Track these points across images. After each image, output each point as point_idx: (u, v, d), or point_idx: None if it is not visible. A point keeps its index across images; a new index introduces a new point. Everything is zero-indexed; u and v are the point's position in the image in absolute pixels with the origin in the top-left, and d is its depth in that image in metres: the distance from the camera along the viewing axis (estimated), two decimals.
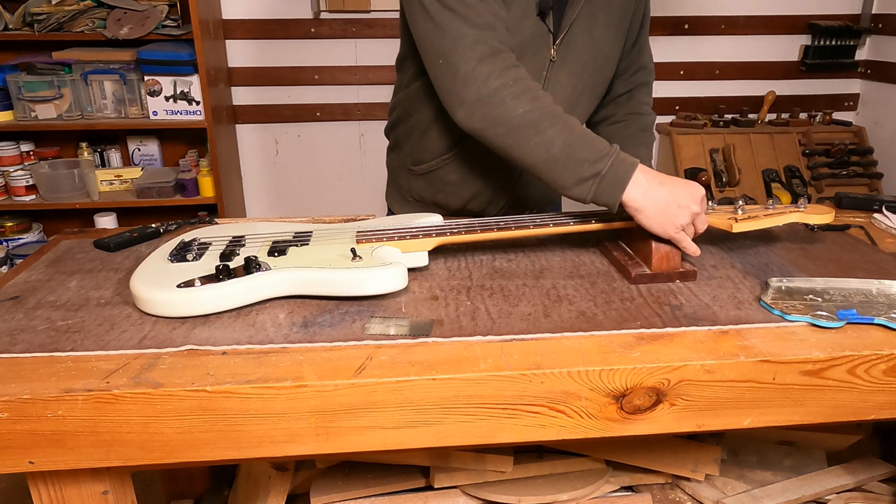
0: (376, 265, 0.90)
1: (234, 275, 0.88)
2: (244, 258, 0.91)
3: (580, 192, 0.95)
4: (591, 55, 1.15)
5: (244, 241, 1.02)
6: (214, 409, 0.72)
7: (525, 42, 1.08)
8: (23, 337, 0.81)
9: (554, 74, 1.13)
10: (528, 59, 1.09)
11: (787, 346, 0.79)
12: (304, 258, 0.94)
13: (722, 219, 1.02)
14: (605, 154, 0.94)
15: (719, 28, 2.66)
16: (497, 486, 1.17)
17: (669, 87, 2.72)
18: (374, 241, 0.98)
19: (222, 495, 1.33)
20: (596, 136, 0.97)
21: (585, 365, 0.75)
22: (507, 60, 0.99)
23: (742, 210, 1.03)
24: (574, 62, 1.14)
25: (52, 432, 0.71)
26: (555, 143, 0.95)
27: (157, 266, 0.94)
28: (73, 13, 2.30)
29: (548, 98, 0.99)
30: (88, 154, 2.56)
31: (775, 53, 2.73)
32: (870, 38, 2.74)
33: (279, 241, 1.00)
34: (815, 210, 1.04)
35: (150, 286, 0.87)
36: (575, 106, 1.18)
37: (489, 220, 1.04)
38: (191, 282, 0.87)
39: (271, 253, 0.95)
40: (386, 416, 0.74)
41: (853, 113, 2.87)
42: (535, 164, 0.97)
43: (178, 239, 1.03)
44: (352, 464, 1.21)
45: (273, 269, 0.90)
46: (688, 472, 1.23)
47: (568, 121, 0.97)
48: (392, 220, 1.08)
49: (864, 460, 1.28)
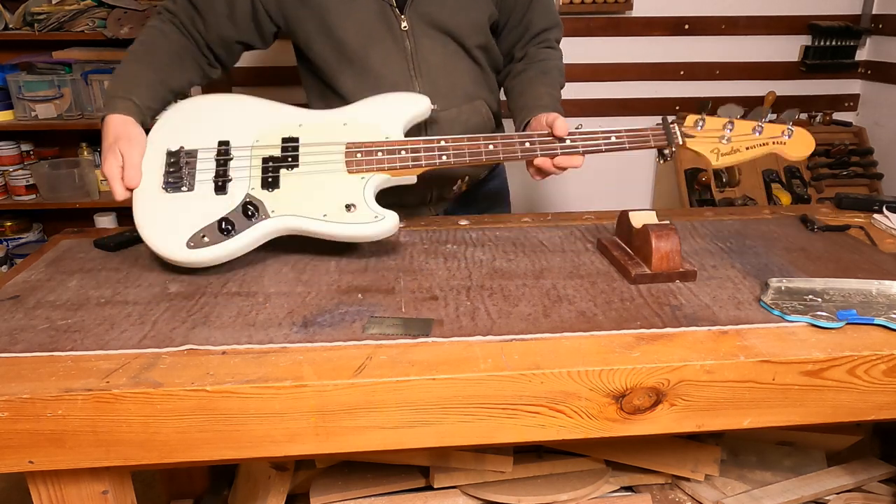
0: (369, 220, 0.97)
1: (235, 228, 0.96)
2: (241, 205, 0.97)
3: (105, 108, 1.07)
4: (447, 12, 1.17)
5: (230, 149, 1.02)
6: (214, 408, 0.72)
7: (372, 19, 1.14)
8: (23, 336, 0.82)
9: (416, 42, 1.16)
10: (382, 33, 1.14)
11: (787, 347, 0.79)
12: (299, 195, 0.99)
13: (706, 148, 1.01)
14: (115, 94, 1.05)
15: (719, 28, 2.65)
16: (497, 486, 1.17)
17: (669, 87, 2.72)
18: (364, 169, 1.01)
19: (222, 495, 1.33)
20: (133, 77, 1.09)
21: (585, 365, 0.75)
22: (165, 17, 1.17)
23: (727, 140, 1.01)
24: (430, 24, 1.16)
25: (51, 432, 0.71)
26: (119, 69, 1.11)
27: (155, 199, 0.99)
28: (74, 13, 2.30)
29: (155, 46, 1.13)
30: (88, 154, 2.56)
31: (775, 54, 2.73)
32: (870, 38, 2.74)
33: (268, 157, 1.01)
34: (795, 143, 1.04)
35: (162, 243, 0.96)
36: (455, 69, 1.20)
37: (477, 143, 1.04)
38: (201, 238, 0.95)
39: (264, 183, 0.99)
40: (385, 416, 0.74)
41: (853, 113, 2.86)
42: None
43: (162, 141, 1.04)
44: (351, 464, 1.21)
45: (272, 217, 0.97)
46: (687, 473, 1.23)
47: (142, 60, 1.11)
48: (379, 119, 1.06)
49: (864, 461, 1.28)
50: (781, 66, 2.75)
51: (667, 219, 1.01)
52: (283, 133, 1.04)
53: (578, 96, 2.65)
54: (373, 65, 1.16)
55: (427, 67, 1.17)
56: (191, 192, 0.99)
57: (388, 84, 1.15)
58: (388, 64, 1.16)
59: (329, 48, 1.17)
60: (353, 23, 1.14)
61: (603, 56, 2.62)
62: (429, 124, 1.17)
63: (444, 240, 1.15)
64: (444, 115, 1.18)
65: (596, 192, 2.76)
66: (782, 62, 2.75)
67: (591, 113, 2.69)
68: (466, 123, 1.22)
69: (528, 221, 1.26)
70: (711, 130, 1.04)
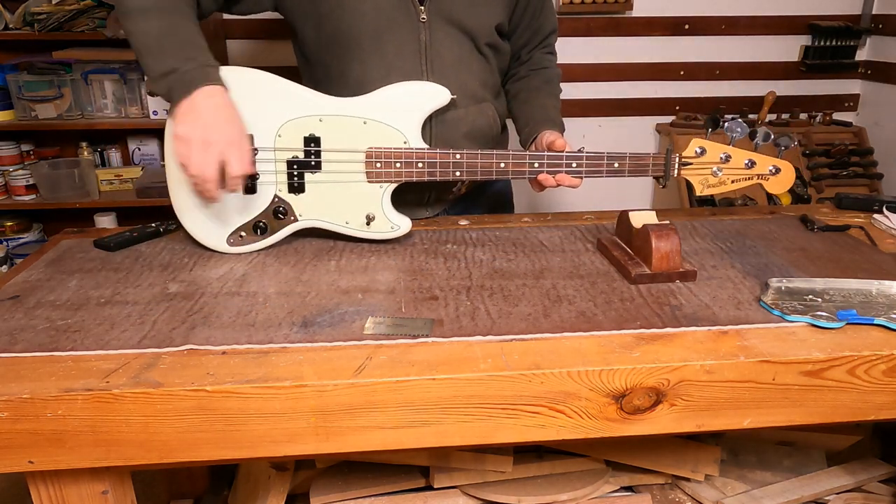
0: (387, 230, 1.10)
1: (268, 228, 1.09)
2: (272, 208, 1.08)
3: (159, 87, 0.99)
4: (466, 9, 1.17)
5: (255, 146, 1.06)
6: (214, 408, 0.72)
7: (391, 6, 1.12)
8: (23, 336, 0.82)
9: (432, 35, 1.15)
10: (401, 22, 1.13)
11: (787, 347, 0.79)
12: (323, 201, 1.09)
13: (696, 179, 1.09)
14: (191, 59, 0.98)
15: (719, 28, 2.65)
16: (497, 486, 1.17)
17: (669, 87, 2.72)
18: (383, 179, 1.08)
19: (222, 495, 1.33)
20: (200, 46, 1.01)
21: (585, 365, 0.75)
22: None
23: (718, 172, 1.08)
24: (448, 20, 1.16)
25: (51, 432, 0.71)
26: (150, 34, 0.99)
27: (190, 194, 1.07)
28: (74, 13, 2.30)
29: (175, 4, 1.02)
30: (88, 154, 2.56)
31: (775, 54, 2.73)
32: (870, 38, 2.74)
33: (293, 160, 1.07)
34: (778, 180, 1.08)
35: (204, 236, 1.09)
36: (466, 68, 1.20)
37: (490, 160, 1.09)
38: (239, 236, 1.09)
39: (290, 188, 1.08)
40: (385, 416, 0.74)
41: (853, 113, 2.86)
42: (136, 48, 1.01)
43: None
44: (351, 464, 1.21)
45: (300, 220, 1.10)
46: (687, 473, 1.23)
47: (178, 20, 1.01)
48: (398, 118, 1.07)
49: (864, 461, 1.28)
50: (781, 66, 2.76)
51: (667, 219, 1.02)
52: (304, 130, 1.07)
53: (578, 96, 2.65)
54: (385, 53, 1.14)
55: (440, 63, 1.16)
56: (223, 190, 1.02)
57: (398, 75, 1.14)
58: (402, 55, 1.15)
59: (341, 31, 1.14)
60: (372, 7, 1.12)
61: (603, 56, 2.62)
62: (435, 123, 1.17)
63: (444, 240, 1.15)
64: (450, 114, 1.18)
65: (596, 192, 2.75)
66: (782, 62, 2.75)
67: (592, 113, 2.69)
68: (473, 124, 1.22)
69: (528, 221, 1.26)
70: (708, 161, 1.09)
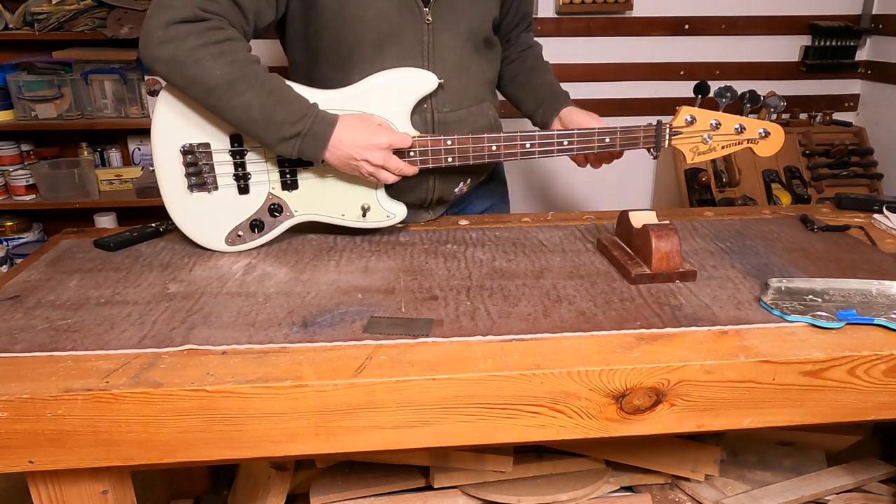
0: (382, 220, 1.12)
1: (265, 226, 1.10)
2: (267, 206, 1.09)
3: (285, 150, 1.03)
4: (470, 11, 1.18)
5: (244, 146, 1.07)
6: (214, 408, 0.72)
7: (395, 9, 1.12)
8: (23, 336, 0.82)
9: (436, 38, 1.15)
10: (405, 26, 1.13)
11: (787, 347, 0.79)
12: (317, 195, 1.10)
13: (686, 147, 1.11)
14: (303, 116, 1.01)
15: (719, 28, 2.65)
16: (497, 486, 1.17)
17: (669, 87, 2.72)
18: None
19: (222, 495, 1.33)
20: (295, 97, 1.03)
21: (585, 365, 0.75)
22: (213, 24, 0.99)
23: (708, 139, 1.10)
24: (454, 22, 1.16)
25: (51, 432, 0.71)
26: (253, 106, 0.99)
27: (184, 200, 1.07)
28: (74, 13, 2.29)
29: (249, 60, 1.02)
30: (88, 154, 2.56)
31: (775, 54, 2.73)
32: (870, 38, 2.73)
33: (283, 159, 1.08)
34: (768, 142, 1.12)
35: (203, 238, 1.10)
36: (467, 69, 1.20)
37: (481, 144, 1.11)
38: (237, 235, 1.10)
39: (284, 185, 1.09)
40: (385, 415, 0.74)
41: (853, 113, 2.86)
42: (238, 125, 1.03)
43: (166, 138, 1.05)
44: (351, 464, 1.21)
45: (295, 216, 1.12)
46: (687, 473, 1.23)
47: (267, 83, 1.01)
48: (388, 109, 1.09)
49: (864, 461, 1.28)
50: (781, 66, 2.75)
51: (667, 219, 1.02)
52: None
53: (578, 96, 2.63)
54: (385, 60, 1.14)
55: (442, 66, 1.16)
56: (216, 192, 1.08)
57: None
58: (404, 58, 1.15)
59: (340, 41, 1.14)
60: (375, 14, 1.11)
61: (603, 56, 2.62)
62: (437, 127, 1.17)
63: (444, 240, 1.15)
64: (453, 115, 1.18)
65: (596, 192, 2.76)
66: (782, 62, 2.75)
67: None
68: (474, 125, 1.22)
69: (528, 221, 1.26)
70: (698, 130, 1.11)
